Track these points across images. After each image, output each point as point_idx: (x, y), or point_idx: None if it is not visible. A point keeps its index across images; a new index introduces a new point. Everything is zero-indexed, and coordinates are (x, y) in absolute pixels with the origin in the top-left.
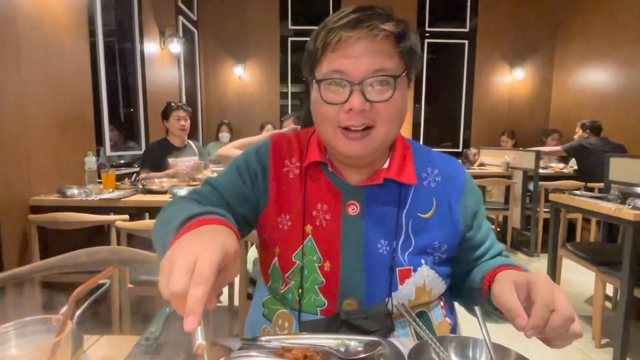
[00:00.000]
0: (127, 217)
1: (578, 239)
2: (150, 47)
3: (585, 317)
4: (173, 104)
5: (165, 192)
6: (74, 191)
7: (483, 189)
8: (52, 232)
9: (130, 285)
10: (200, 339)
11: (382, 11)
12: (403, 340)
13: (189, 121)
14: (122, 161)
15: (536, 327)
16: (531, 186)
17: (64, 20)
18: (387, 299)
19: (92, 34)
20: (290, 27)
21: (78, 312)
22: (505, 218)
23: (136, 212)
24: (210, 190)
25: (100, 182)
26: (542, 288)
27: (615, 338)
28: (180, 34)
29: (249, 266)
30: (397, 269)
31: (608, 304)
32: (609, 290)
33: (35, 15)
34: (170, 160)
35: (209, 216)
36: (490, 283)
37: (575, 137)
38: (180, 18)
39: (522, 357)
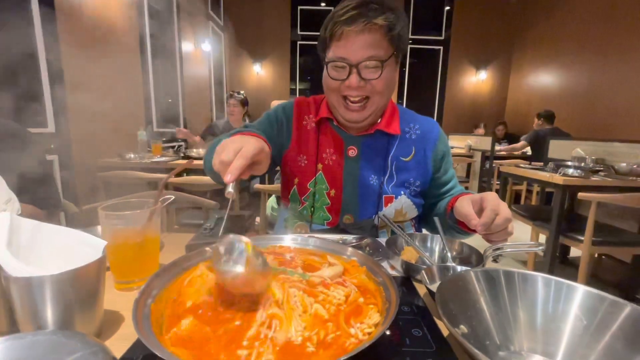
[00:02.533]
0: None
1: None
2: (186, 46)
3: (522, 262)
4: (229, 92)
5: (200, 159)
6: (131, 155)
7: None
8: (114, 186)
9: (176, 227)
10: (231, 189)
11: (376, 5)
12: (383, 240)
13: (238, 107)
14: (164, 138)
15: (485, 224)
16: (487, 164)
17: (119, 21)
18: (374, 216)
19: (141, 34)
20: (299, 32)
21: (162, 199)
22: (466, 189)
23: (179, 172)
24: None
25: (150, 150)
26: (490, 200)
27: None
28: (210, 35)
29: (268, 212)
30: (383, 196)
31: (540, 253)
32: (542, 241)
33: (97, 15)
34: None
35: (252, 132)
36: (454, 204)
37: (534, 126)
38: (210, 23)
39: (464, 244)
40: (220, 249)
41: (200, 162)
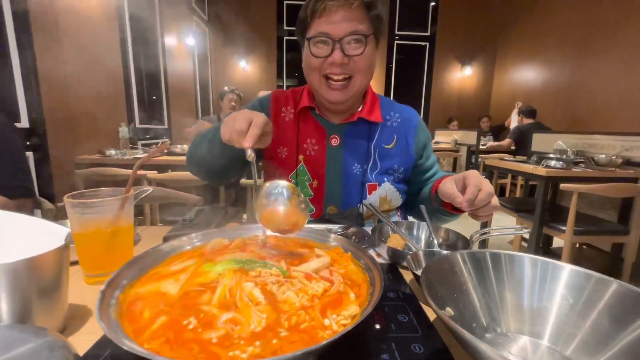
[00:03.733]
0: (155, 171)
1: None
2: (170, 41)
3: None
4: (227, 88)
5: (183, 154)
6: (112, 152)
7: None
8: (95, 184)
9: (159, 224)
10: (251, 153)
11: None
12: (368, 229)
13: (239, 103)
14: (148, 135)
15: (469, 200)
16: (473, 158)
17: (97, 12)
18: (359, 205)
19: (121, 27)
20: (285, 28)
21: (139, 191)
22: None
23: (162, 168)
24: None
25: (132, 148)
26: (473, 177)
27: None
28: (194, 30)
29: None
30: (367, 184)
31: (524, 244)
32: (525, 234)
33: (74, 6)
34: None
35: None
36: (437, 186)
37: (517, 122)
38: (194, 17)
39: (450, 230)
40: (268, 188)
41: (182, 157)
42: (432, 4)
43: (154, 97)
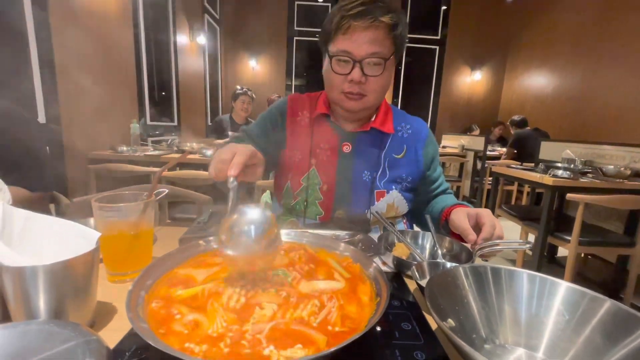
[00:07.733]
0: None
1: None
2: (181, 39)
3: (511, 261)
4: (240, 88)
5: (195, 153)
6: (124, 148)
7: (442, 165)
8: (106, 179)
9: (168, 221)
10: (234, 180)
11: (382, 4)
12: (375, 235)
13: (251, 105)
14: (157, 132)
15: (484, 239)
16: (480, 164)
17: (112, 10)
18: (366, 210)
19: (135, 25)
20: (295, 28)
21: (154, 192)
22: (459, 188)
23: (172, 166)
24: (246, 137)
25: (142, 144)
26: (487, 217)
27: None
28: (206, 29)
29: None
30: (375, 191)
31: (529, 252)
32: (531, 240)
33: (91, 6)
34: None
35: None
36: (448, 215)
37: (512, 132)
38: (206, 16)
39: (453, 241)
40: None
41: (195, 156)
42: (444, 7)
43: (164, 97)
